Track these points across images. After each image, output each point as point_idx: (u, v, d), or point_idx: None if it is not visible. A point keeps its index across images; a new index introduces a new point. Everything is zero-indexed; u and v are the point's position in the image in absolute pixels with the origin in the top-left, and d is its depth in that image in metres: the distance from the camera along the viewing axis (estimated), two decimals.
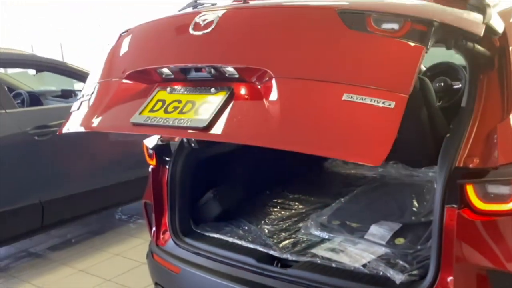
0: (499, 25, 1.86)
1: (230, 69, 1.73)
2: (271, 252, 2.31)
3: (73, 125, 2.10)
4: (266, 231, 2.65)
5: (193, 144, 1.98)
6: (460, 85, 3.77)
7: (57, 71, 4.46)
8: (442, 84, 3.80)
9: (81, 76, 4.41)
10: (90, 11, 8.99)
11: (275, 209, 2.95)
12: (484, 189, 1.77)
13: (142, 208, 2.84)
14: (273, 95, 1.59)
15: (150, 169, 2.71)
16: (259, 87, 1.67)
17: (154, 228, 2.70)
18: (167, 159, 2.63)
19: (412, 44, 1.46)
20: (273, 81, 1.59)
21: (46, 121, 3.94)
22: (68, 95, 4.96)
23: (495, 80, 2.00)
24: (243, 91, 1.72)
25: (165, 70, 1.93)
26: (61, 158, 4.05)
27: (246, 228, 2.66)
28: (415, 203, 2.75)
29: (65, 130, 2.12)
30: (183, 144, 2.62)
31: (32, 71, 4.71)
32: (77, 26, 9.63)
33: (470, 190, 1.77)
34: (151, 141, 2.74)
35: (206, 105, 1.72)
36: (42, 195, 3.86)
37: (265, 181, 3.16)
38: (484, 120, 1.88)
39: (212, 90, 1.76)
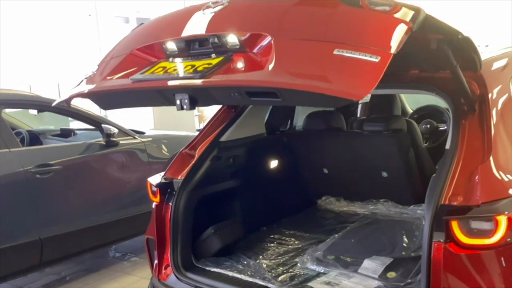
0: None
1: (232, 39, 1.84)
2: (270, 286, 2.42)
3: (74, 92, 2.17)
4: (265, 265, 2.76)
5: (185, 107, 1.94)
6: (445, 127, 3.98)
7: (59, 112, 4.58)
8: (428, 126, 4.02)
9: (81, 116, 4.53)
10: (88, 51, 9.23)
11: (272, 245, 3.07)
12: (468, 225, 1.93)
13: (144, 243, 2.94)
14: (271, 52, 1.72)
15: (153, 206, 2.83)
16: (257, 54, 1.81)
17: (156, 263, 2.80)
18: (170, 196, 2.76)
19: (401, 20, 1.64)
20: (272, 42, 1.74)
21: (47, 159, 4.04)
22: (67, 134, 5.05)
23: (476, 125, 2.18)
24: (242, 57, 1.85)
25: (170, 46, 2.01)
26: (61, 195, 4.13)
27: (245, 262, 2.77)
28: (405, 239, 2.88)
29: (63, 98, 2.19)
30: (186, 181, 2.76)
31: (33, 111, 4.83)
32: (75, 66, 9.82)
33: (455, 225, 1.93)
34: (155, 179, 2.87)
35: (205, 65, 1.84)
36: (42, 232, 3.92)
37: (262, 217, 3.28)
38: (467, 161, 2.05)
39: (213, 55, 1.89)
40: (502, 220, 1.87)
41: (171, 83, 1.90)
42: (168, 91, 1.99)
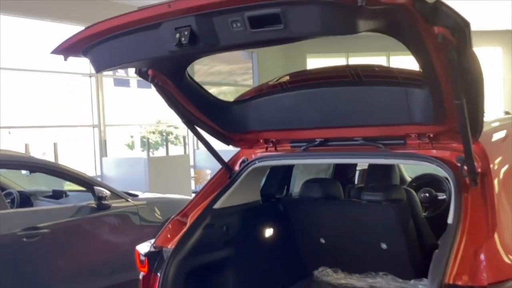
0: None
1: None
2: None
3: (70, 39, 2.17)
4: None
5: (183, 39, 1.91)
6: (445, 196, 3.89)
7: (51, 173, 4.50)
8: (427, 195, 3.93)
9: (73, 177, 4.46)
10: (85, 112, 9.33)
11: None
12: None
13: None
14: None
15: (141, 277, 2.70)
16: None
17: None
18: (159, 266, 2.64)
19: None
20: None
21: (36, 222, 3.94)
22: (59, 195, 4.97)
23: (479, 198, 2.11)
24: None
25: None
26: (48, 260, 4.01)
27: None
28: None
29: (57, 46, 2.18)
30: (176, 250, 2.64)
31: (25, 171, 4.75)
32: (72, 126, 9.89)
33: None
34: (143, 248, 2.75)
35: None
36: None
37: None
38: (471, 238, 1.96)
39: None
40: None
41: (174, 7, 1.86)
42: (169, 23, 1.93)
